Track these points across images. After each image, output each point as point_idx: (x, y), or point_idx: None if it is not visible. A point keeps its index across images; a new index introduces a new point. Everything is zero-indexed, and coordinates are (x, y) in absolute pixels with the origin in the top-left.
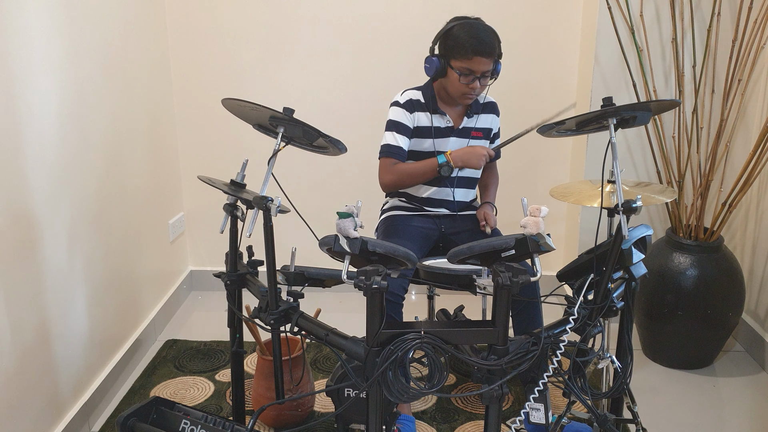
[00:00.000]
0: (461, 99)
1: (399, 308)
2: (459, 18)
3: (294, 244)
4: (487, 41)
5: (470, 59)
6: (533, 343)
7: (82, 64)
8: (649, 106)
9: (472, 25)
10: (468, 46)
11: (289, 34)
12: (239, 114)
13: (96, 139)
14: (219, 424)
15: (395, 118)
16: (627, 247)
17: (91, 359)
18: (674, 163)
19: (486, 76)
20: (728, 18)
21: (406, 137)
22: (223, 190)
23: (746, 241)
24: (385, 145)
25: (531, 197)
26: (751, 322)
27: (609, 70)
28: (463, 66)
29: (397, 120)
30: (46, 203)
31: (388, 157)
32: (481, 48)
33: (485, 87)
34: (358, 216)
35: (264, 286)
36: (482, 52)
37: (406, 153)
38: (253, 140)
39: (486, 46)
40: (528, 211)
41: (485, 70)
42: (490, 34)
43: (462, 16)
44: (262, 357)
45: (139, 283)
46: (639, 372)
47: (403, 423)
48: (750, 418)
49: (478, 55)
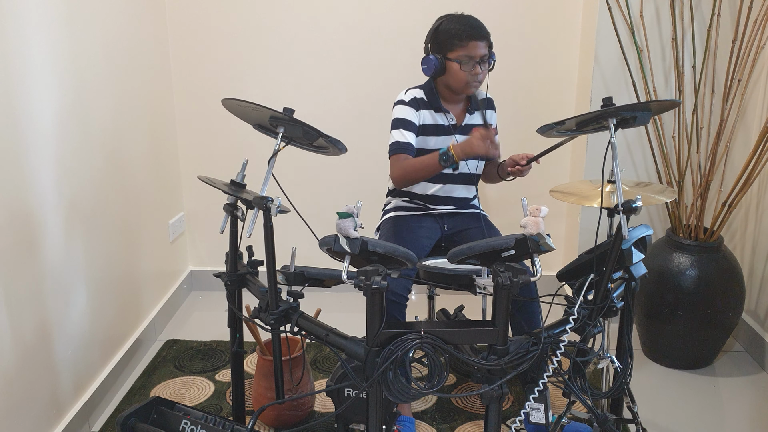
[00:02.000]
0: (466, 89)
1: (402, 309)
2: (444, 16)
3: (294, 244)
4: (477, 26)
5: (466, 45)
6: (533, 343)
7: (82, 64)
8: (649, 106)
9: (459, 17)
10: (461, 33)
11: (289, 34)
12: (239, 114)
13: (96, 139)
14: (219, 424)
15: (401, 115)
16: (627, 247)
17: (91, 359)
18: (674, 163)
19: (484, 60)
20: (728, 18)
21: (414, 133)
22: (223, 190)
23: (746, 241)
24: (393, 143)
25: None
26: (751, 322)
27: (609, 70)
28: (461, 54)
29: (403, 117)
30: (46, 203)
31: (398, 154)
32: (474, 32)
33: (486, 74)
34: (358, 216)
35: (264, 286)
36: (476, 35)
37: (415, 148)
38: (253, 140)
39: (478, 30)
40: (528, 211)
41: (483, 54)
42: (478, 21)
43: (447, 14)
44: (262, 357)
45: (140, 283)
46: (639, 372)
47: (403, 425)
48: (750, 418)
49: (473, 40)
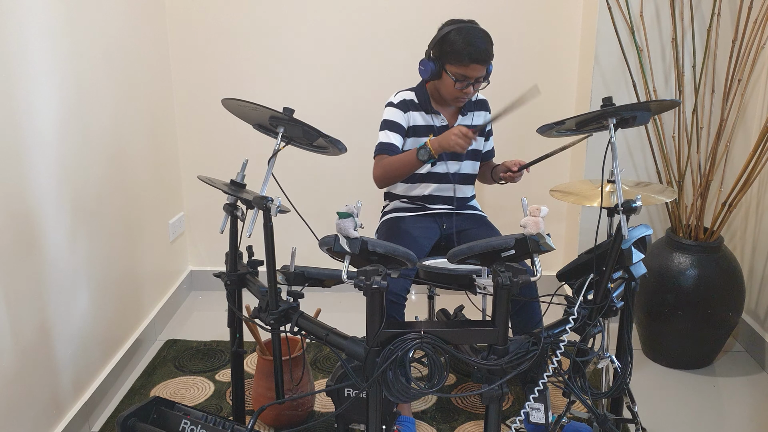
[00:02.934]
0: (454, 102)
1: (401, 309)
2: (454, 21)
3: (294, 244)
4: (482, 48)
5: (466, 66)
6: (533, 343)
7: (82, 64)
8: (649, 106)
9: (468, 31)
10: (464, 54)
11: (289, 34)
12: (239, 114)
13: (96, 139)
14: (219, 424)
15: (389, 117)
16: (627, 247)
17: (91, 359)
18: (674, 163)
19: (479, 81)
20: (728, 18)
21: (400, 135)
22: (223, 190)
23: (746, 241)
24: (377, 143)
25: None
26: (751, 322)
27: (609, 70)
28: (459, 72)
29: (390, 119)
30: (47, 203)
31: (380, 155)
32: (477, 56)
33: (477, 91)
34: (358, 216)
35: (264, 286)
36: (478, 59)
37: (399, 149)
38: (253, 140)
39: (482, 54)
40: (528, 211)
41: (480, 75)
42: (485, 40)
43: (457, 20)
44: (262, 357)
45: (140, 283)
46: (639, 372)
47: (402, 425)
48: (750, 418)
49: (474, 63)
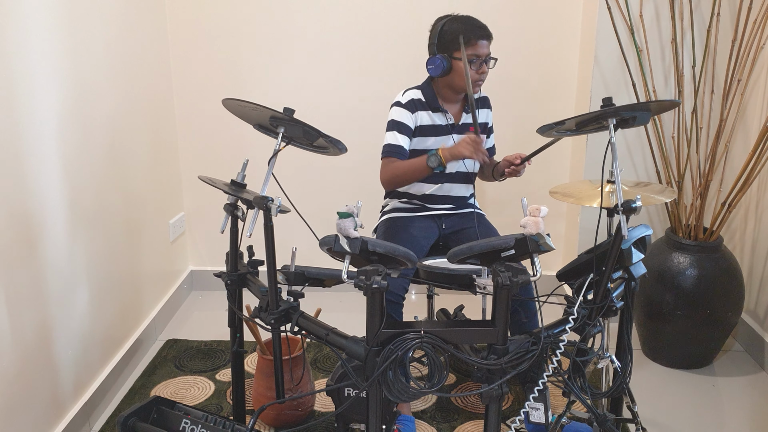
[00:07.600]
0: (473, 88)
1: (399, 308)
2: (444, 16)
3: (294, 244)
4: (482, 26)
5: (475, 45)
6: (533, 343)
7: (82, 64)
8: (649, 107)
9: (460, 17)
10: (469, 33)
11: (289, 34)
12: (239, 114)
13: (96, 139)
14: (219, 424)
15: (397, 117)
16: (626, 247)
17: (91, 359)
18: (674, 163)
19: (489, 59)
20: (728, 18)
21: (408, 137)
22: (224, 190)
23: (746, 241)
24: (386, 144)
25: (531, 197)
26: (750, 322)
27: (609, 71)
28: (469, 53)
29: (398, 120)
30: (47, 203)
31: (388, 157)
32: (480, 32)
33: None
34: (358, 216)
35: (264, 286)
36: (482, 35)
37: (407, 152)
38: (253, 140)
39: (484, 30)
40: (528, 211)
41: (488, 53)
42: (480, 21)
43: (443, 15)
44: (262, 356)
45: (140, 283)
46: (639, 372)
47: (402, 423)
48: (750, 418)
49: (480, 39)
